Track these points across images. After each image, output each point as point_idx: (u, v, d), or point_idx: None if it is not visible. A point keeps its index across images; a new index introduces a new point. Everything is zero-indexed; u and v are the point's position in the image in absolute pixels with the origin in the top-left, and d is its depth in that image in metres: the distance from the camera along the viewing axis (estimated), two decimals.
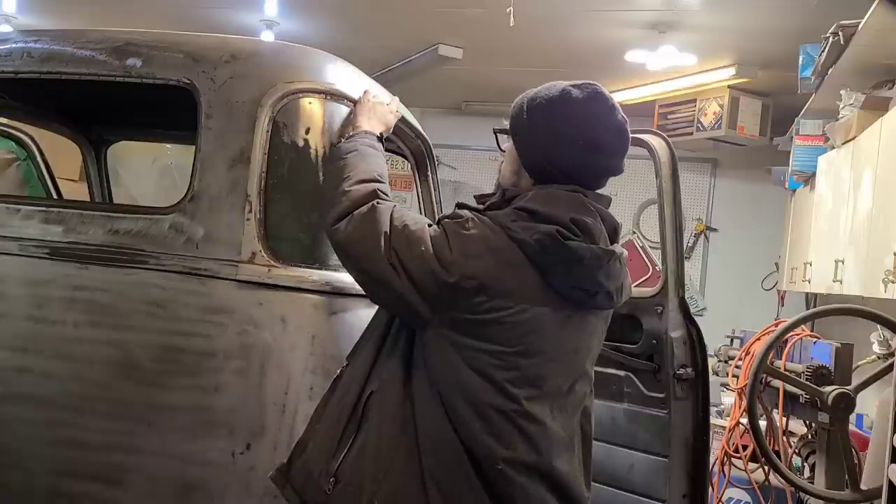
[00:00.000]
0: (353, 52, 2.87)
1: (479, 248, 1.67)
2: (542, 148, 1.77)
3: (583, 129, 1.75)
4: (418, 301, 1.68)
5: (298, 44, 2.30)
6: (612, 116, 1.79)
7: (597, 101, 1.78)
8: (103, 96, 2.67)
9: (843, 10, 3.54)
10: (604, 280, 1.74)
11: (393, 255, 1.69)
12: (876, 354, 3.36)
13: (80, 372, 2.03)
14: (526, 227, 1.68)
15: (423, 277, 1.67)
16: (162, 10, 5.36)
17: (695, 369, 2.80)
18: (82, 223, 2.11)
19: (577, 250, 1.68)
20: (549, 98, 1.78)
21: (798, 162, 4.62)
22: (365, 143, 1.92)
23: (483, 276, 1.66)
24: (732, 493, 3.63)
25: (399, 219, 1.73)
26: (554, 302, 1.71)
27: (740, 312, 5.82)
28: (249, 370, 1.92)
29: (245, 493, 1.91)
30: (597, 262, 1.71)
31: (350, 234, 1.74)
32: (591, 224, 1.72)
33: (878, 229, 3.00)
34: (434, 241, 1.69)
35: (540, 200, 1.72)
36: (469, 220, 1.71)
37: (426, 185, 3.02)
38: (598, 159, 1.77)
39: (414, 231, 1.71)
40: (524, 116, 1.80)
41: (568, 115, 1.76)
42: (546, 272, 1.69)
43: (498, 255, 1.67)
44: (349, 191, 1.78)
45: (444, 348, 1.69)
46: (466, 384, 1.68)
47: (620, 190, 7.05)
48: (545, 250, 1.67)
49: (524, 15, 4.55)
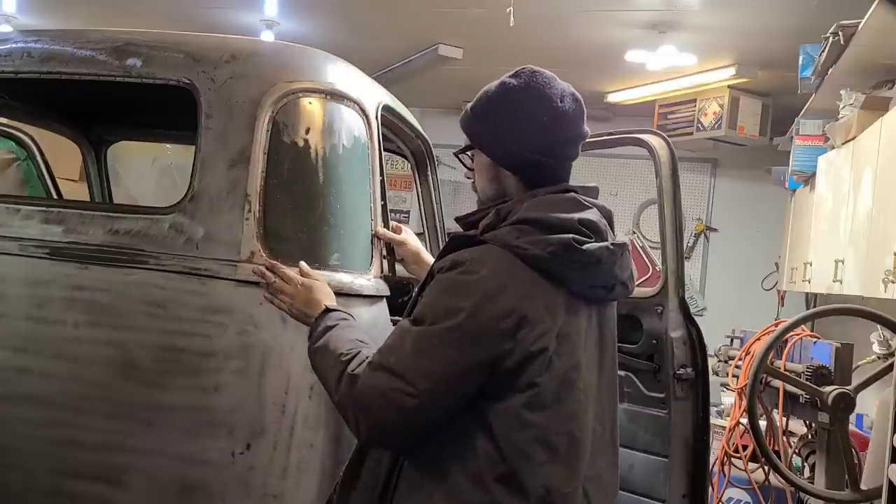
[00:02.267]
0: (353, 52, 2.87)
1: (497, 282, 1.59)
2: (512, 142, 1.73)
3: (541, 107, 1.73)
4: (471, 392, 1.60)
5: (298, 44, 2.30)
6: (557, 86, 1.76)
7: (537, 78, 1.76)
8: (103, 96, 2.67)
9: (843, 10, 3.53)
10: (619, 273, 1.74)
11: (420, 387, 1.56)
12: (876, 354, 3.36)
13: (80, 372, 2.03)
14: (535, 241, 1.62)
15: (464, 361, 1.57)
16: (162, 10, 5.36)
17: (695, 369, 2.80)
18: (82, 223, 2.11)
19: (595, 253, 1.65)
20: (495, 96, 1.76)
21: (798, 162, 4.62)
22: (322, 328, 1.77)
23: (518, 307, 1.58)
24: (732, 493, 3.63)
25: (390, 357, 1.59)
26: (574, 307, 1.68)
27: (740, 312, 5.82)
28: (249, 370, 1.92)
29: (245, 493, 1.91)
30: (612, 259, 1.70)
31: (371, 418, 1.60)
32: (597, 222, 1.71)
33: (878, 229, 3.00)
34: (441, 317, 1.58)
35: (538, 208, 1.67)
36: (471, 262, 1.61)
37: (426, 185, 3.02)
38: (567, 127, 1.75)
39: (413, 346, 1.58)
40: (480, 123, 1.77)
41: (520, 101, 1.74)
42: (564, 279, 1.65)
43: (517, 279, 1.60)
44: (341, 389, 1.63)
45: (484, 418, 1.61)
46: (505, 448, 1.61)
47: (620, 190, 7.06)
48: (561, 260, 1.62)
49: (524, 15, 4.55)
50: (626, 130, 3.04)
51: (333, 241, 2.04)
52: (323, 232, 2.03)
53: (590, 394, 1.72)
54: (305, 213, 2.02)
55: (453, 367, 1.57)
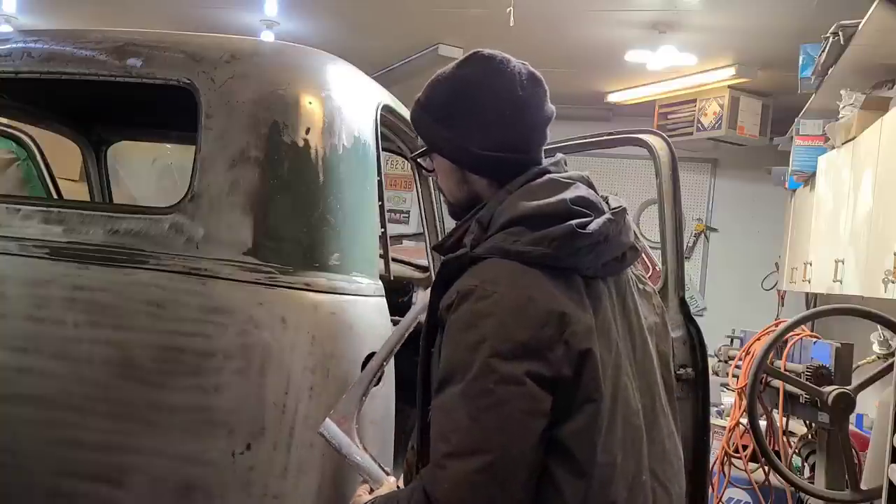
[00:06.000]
0: (353, 52, 2.87)
1: (520, 294, 1.42)
2: (475, 145, 1.58)
3: (501, 99, 1.58)
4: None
5: (298, 44, 2.30)
6: (514, 70, 1.61)
7: (491, 66, 1.61)
8: (103, 96, 2.67)
9: (843, 10, 3.54)
10: (626, 239, 1.59)
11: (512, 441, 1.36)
12: (876, 354, 3.36)
13: (80, 372, 2.03)
14: (535, 239, 1.46)
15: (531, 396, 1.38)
16: (162, 10, 5.37)
17: (695, 369, 2.79)
18: (82, 223, 2.11)
19: (601, 231, 1.50)
20: (449, 92, 1.62)
21: (798, 162, 4.63)
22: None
23: (553, 308, 1.41)
24: (732, 493, 3.63)
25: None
26: (595, 291, 1.53)
27: (740, 312, 5.82)
28: (249, 370, 1.92)
29: (245, 493, 1.91)
30: (617, 229, 1.54)
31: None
32: (586, 196, 1.55)
33: (878, 229, 3.00)
34: (474, 359, 1.37)
35: (521, 204, 1.51)
36: (482, 284, 1.42)
37: (426, 185, 3.02)
38: (532, 115, 1.61)
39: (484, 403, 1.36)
40: (436, 126, 1.63)
41: (477, 96, 1.59)
42: (576, 267, 1.50)
43: (536, 284, 1.43)
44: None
45: None
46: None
47: (620, 190, 7.06)
48: (569, 250, 1.47)
49: (524, 15, 4.56)
50: (626, 130, 3.04)
51: (333, 241, 2.04)
52: (323, 232, 2.03)
53: (630, 375, 1.57)
54: (305, 213, 2.02)
55: (518, 402, 1.37)
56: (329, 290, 1.98)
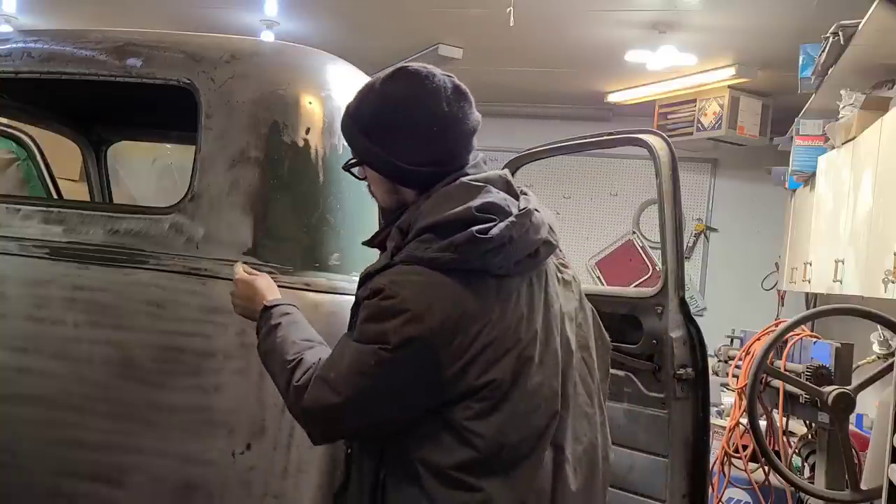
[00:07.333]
0: (353, 52, 2.86)
1: (421, 299, 1.56)
2: (403, 160, 1.65)
3: (428, 115, 1.64)
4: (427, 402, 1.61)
5: (298, 44, 2.30)
6: (439, 84, 1.66)
7: (417, 81, 1.66)
8: (103, 96, 2.67)
9: (843, 10, 3.53)
10: (535, 236, 1.66)
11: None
12: (876, 354, 3.35)
13: (80, 372, 2.03)
14: (442, 246, 1.57)
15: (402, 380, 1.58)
16: (162, 10, 5.37)
17: (695, 369, 2.79)
18: (82, 223, 2.11)
19: (503, 234, 1.59)
20: (377, 108, 1.67)
21: (798, 162, 4.62)
22: (266, 329, 1.75)
23: (448, 317, 1.56)
24: (732, 493, 3.63)
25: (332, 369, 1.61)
26: (506, 289, 1.64)
27: (740, 312, 5.82)
28: (249, 370, 1.92)
29: (245, 493, 1.91)
30: (522, 229, 1.62)
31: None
32: (494, 201, 1.63)
33: (878, 229, 3.00)
34: (372, 339, 1.57)
35: (433, 212, 1.61)
36: (389, 286, 1.58)
37: None
38: (458, 129, 1.67)
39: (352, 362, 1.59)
40: (365, 140, 1.68)
41: (404, 114, 1.64)
42: (486, 269, 1.61)
43: (439, 290, 1.57)
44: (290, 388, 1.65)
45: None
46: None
47: (620, 190, 7.07)
48: (473, 255, 1.58)
49: (524, 15, 4.55)
50: (626, 130, 3.04)
51: (333, 241, 2.04)
52: (323, 232, 2.03)
53: (552, 361, 1.69)
54: (305, 213, 2.02)
55: (390, 386, 1.58)
56: (329, 290, 1.99)
